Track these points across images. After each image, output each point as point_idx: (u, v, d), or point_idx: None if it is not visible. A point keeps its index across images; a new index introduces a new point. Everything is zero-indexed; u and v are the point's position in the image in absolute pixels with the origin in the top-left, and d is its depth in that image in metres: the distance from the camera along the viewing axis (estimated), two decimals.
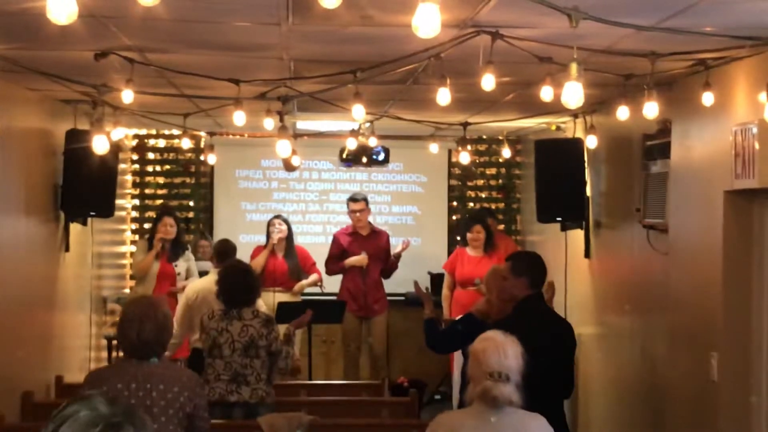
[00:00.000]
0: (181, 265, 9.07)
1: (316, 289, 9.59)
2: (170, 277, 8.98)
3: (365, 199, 9.65)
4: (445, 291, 9.53)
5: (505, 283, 5.68)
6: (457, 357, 8.57)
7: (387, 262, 9.61)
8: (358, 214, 9.55)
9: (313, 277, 9.39)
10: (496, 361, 3.90)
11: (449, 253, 11.15)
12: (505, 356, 3.91)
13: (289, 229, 9.44)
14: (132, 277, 9.91)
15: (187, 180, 11.23)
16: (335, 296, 9.58)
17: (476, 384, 3.94)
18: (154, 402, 4.33)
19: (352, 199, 9.66)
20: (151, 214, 10.86)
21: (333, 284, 9.77)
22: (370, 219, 9.87)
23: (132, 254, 9.15)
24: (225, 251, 7.90)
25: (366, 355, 9.79)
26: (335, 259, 9.57)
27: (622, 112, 5.72)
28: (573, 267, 8.83)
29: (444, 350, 6.65)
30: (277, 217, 9.56)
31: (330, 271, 9.61)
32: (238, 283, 6.22)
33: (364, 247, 9.46)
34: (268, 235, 9.35)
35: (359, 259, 9.42)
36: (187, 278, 9.04)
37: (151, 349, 4.38)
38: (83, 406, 1.98)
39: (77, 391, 5.62)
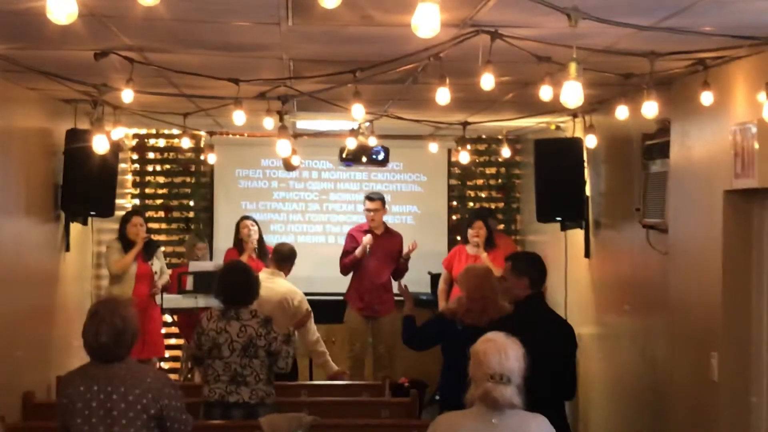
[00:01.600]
0: (156, 264, 9.07)
1: (317, 289, 9.54)
2: (149, 276, 8.96)
3: (381, 199, 9.54)
4: (441, 285, 9.50)
5: (505, 284, 5.76)
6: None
7: (398, 264, 9.57)
8: (371, 213, 9.46)
9: None
10: (497, 363, 3.89)
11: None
12: (506, 358, 3.90)
13: (259, 229, 9.44)
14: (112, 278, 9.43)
15: (187, 180, 11.23)
16: (342, 296, 9.56)
17: (477, 386, 3.93)
18: (115, 405, 4.29)
19: (368, 198, 9.56)
20: (152, 213, 10.87)
21: (337, 284, 9.74)
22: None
23: (105, 256, 9.02)
24: (281, 253, 7.88)
25: (370, 355, 9.77)
26: (348, 255, 9.50)
27: (622, 112, 5.72)
28: (573, 267, 8.83)
29: (418, 347, 6.76)
30: (247, 218, 9.51)
31: (343, 266, 9.47)
32: (237, 282, 6.22)
33: (377, 247, 9.35)
34: (240, 237, 9.30)
35: (365, 240, 9.30)
36: (160, 277, 9.09)
37: (111, 352, 4.33)
38: None
39: None
